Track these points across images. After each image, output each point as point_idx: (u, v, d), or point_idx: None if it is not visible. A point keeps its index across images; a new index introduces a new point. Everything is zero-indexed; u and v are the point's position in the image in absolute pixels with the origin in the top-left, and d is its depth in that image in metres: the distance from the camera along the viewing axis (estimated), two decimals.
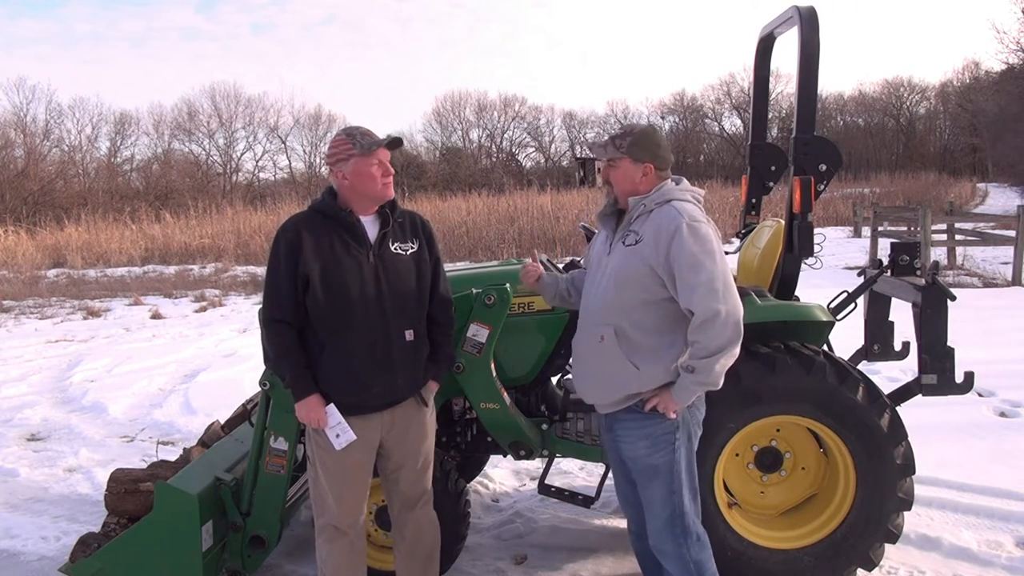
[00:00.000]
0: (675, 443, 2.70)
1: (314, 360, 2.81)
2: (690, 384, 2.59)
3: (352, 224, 2.81)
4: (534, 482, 4.37)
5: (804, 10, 3.35)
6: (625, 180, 2.74)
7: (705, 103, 65.16)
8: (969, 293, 10.93)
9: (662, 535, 2.77)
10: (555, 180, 35.69)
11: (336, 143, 2.82)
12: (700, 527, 2.80)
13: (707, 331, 2.51)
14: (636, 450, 2.75)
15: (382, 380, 2.83)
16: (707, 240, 2.56)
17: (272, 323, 2.80)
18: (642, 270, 2.62)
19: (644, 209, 2.69)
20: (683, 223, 2.56)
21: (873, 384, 3.24)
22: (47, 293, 15.68)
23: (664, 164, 2.74)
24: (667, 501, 2.73)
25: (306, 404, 2.79)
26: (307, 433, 2.93)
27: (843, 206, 25.33)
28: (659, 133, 2.81)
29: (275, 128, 53.24)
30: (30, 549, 4.12)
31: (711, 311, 2.49)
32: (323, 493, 2.91)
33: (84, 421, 6.54)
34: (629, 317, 2.67)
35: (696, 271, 2.52)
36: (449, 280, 3.60)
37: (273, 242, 2.82)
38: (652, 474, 2.74)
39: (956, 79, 61.88)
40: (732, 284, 2.56)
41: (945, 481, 4.39)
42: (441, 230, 21.10)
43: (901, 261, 3.78)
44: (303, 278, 2.75)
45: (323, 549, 2.97)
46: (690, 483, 2.75)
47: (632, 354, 2.66)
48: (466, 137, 62.82)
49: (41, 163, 38.15)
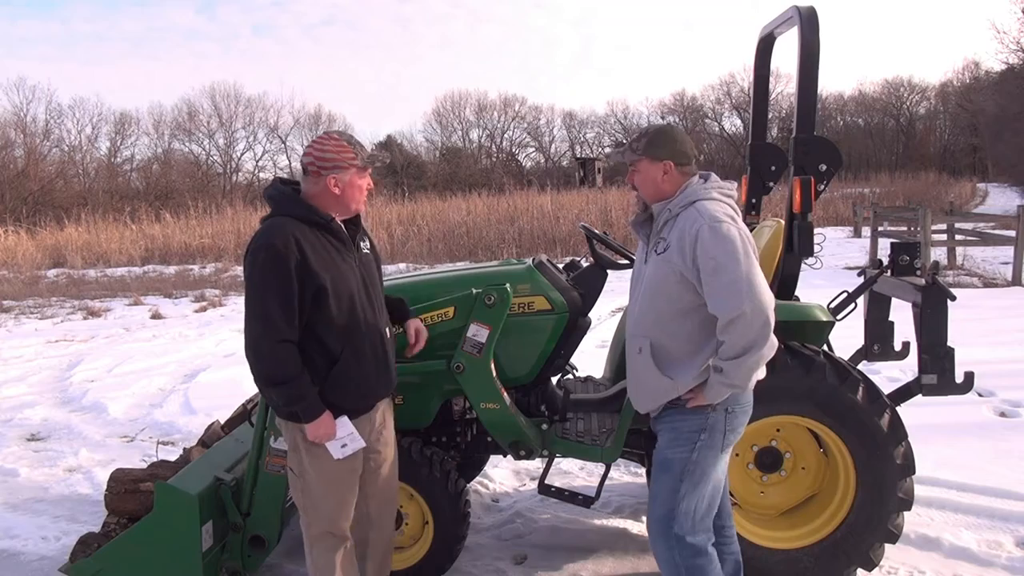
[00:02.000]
0: (697, 442, 2.64)
1: (321, 374, 2.69)
2: (717, 384, 2.55)
3: (339, 230, 2.76)
4: (534, 482, 4.37)
5: (804, 10, 3.35)
6: (647, 182, 2.70)
7: (705, 103, 65.25)
8: (969, 293, 10.92)
9: (654, 532, 2.73)
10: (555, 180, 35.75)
11: (336, 147, 2.68)
12: (700, 537, 2.70)
13: (732, 331, 2.47)
14: (661, 440, 2.74)
15: (384, 378, 2.87)
16: (728, 240, 2.49)
17: (281, 345, 2.59)
18: (672, 278, 2.59)
19: (670, 214, 2.64)
20: (703, 226, 2.51)
21: (873, 384, 3.24)
22: (47, 293, 15.69)
23: (684, 159, 2.67)
24: (668, 499, 2.68)
25: (322, 422, 2.66)
26: (293, 444, 2.80)
27: (843, 206, 25.32)
28: (676, 129, 2.75)
29: (275, 128, 53.36)
30: (30, 549, 4.11)
31: (734, 311, 2.45)
32: (317, 501, 2.82)
33: (84, 421, 6.54)
34: (665, 329, 2.64)
35: (718, 274, 2.48)
36: (449, 280, 3.60)
37: (270, 257, 2.57)
38: (664, 467, 2.71)
39: (956, 79, 62.00)
40: (759, 283, 2.48)
41: (945, 481, 4.38)
42: (441, 230, 21.13)
43: (901, 261, 3.78)
44: (314, 291, 2.61)
45: (322, 558, 2.87)
46: (701, 488, 2.66)
47: (667, 367, 2.64)
48: (466, 137, 62.86)
49: (41, 163, 38.21)
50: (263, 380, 2.65)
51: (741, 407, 2.69)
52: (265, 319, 2.58)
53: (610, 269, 3.75)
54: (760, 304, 2.46)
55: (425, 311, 3.42)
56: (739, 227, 2.55)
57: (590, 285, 3.67)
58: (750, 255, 2.51)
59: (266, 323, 2.58)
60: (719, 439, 2.66)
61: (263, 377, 2.64)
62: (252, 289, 2.63)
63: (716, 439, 2.66)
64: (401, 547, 3.55)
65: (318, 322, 2.66)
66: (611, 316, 9.72)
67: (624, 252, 3.80)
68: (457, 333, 3.39)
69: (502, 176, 42.13)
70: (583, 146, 66.38)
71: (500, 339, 3.38)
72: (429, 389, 3.51)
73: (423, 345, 3.17)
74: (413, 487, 3.42)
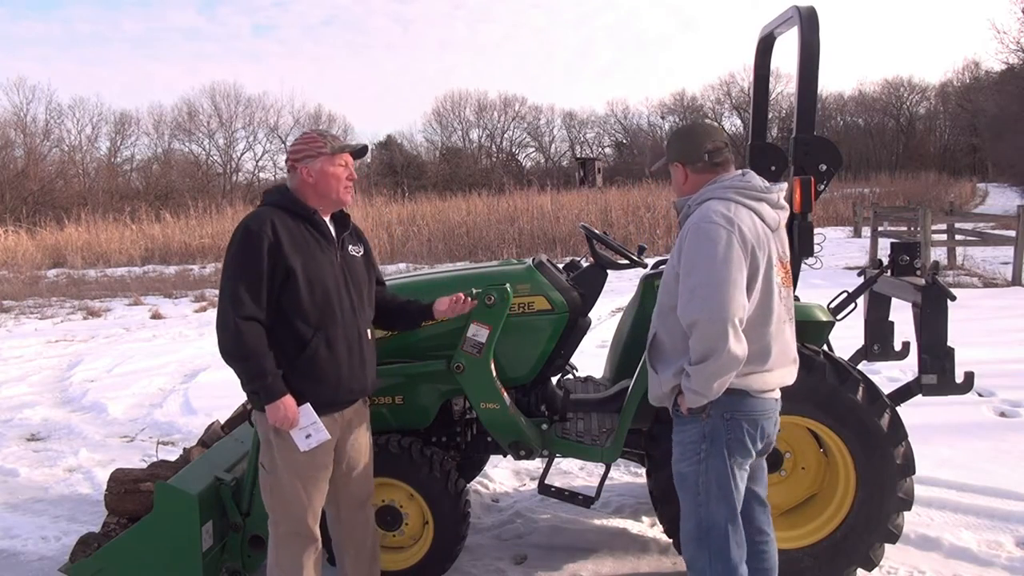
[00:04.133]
0: (700, 453, 2.61)
1: (289, 358, 2.72)
2: (685, 389, 2.52)
3: (320, 223, 2.82)
4: (534, 482, 4.37)
5: (804, 10, 3.35)
6: (673, 184, 2.75)
7: (705, 103, 65.26)
8: (969, 293, 10.92)
9: (688, 545, 2.70)
10: (555, 180, 35.72)
11: (306, 139, 2.83)
12: (735, 552, 2.62)
13: (692, 336, 2.46)
14: (674, 454, 2.73)
15: (359, 377, 2.89)
16: (707, 242, 2.42)
17: (245, 321, 2.63)
18: (671, 273, 2.60)
19: (688, 211, 2.63)
20: (694, 224, 2.50)
21: (873, 384, 3.24)
22: (47, 293, 15.69)
23: (691, 158, 2.63)
24: (692, 512, 2.66)
25: (282, 405, 2.68)
26: (265, 439, 2.83)
27: (843, 206, 25.33)
28: (690, 127, 2.76)
29: (275, 128, 53.40)
30: (30, 549, 4.11)
31: (690, 316, 2.44)
32: (286, 498, 2.81)
33: (84, 421, 6.54)
34: (663, 323, 2.66)
35: (687, 275, 2.47)
36: (449, 280, 3.59)
37: (244, 237, 2.68)
38: (680, 481, 2.70)
39: (956, 79, 62.04)
40: (725, 291, 2.39)
41: (945, 481, 4.38)
42: (441, 230, 21.12)
43: (901, 261, 3.78)
44: (284, 272, 2.68)
45: (288, 559, 2.86)
46: (721, 498, 2.60)
47: (656, 360, 2.68)
48: (466, 137, 62.88)
49: (41, 163, 38.21)
50: (226, 354, 2.70)
51: (743, 414, 2.58)
52: (232, 296, 2.65)
53: (610, 269, 3.75)
54: (718, 313, 2.38)
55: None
56: (733, 230, 2.43)
57: (590, 285, 3.67)
58: (729, 262, 2.40)
59: (233, 299, 2.65)
60: (722, 448, 2.58)
61: (226, 351, 2.69)
62: (225, 267, 2.73)
63: (719, 448, 2.59)
64: (401, 547, 3.56)
65: (288, 304, 2.72)
66: (611, 316, 9.72)
67: (624, 252, 3.80)
68: (457, 333, 3.39)
69: (502, 176, 42.14)
70: (583, 146, 66.44)
71: (500, 339, 3.38)
72: (429, 389, 3.51)
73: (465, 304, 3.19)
74: (413, 487, 3.42)
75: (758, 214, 2.55)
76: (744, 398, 2.57)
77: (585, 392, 4.01)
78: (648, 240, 18.60)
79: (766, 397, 2.62)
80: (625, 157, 63.13)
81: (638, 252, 3.94)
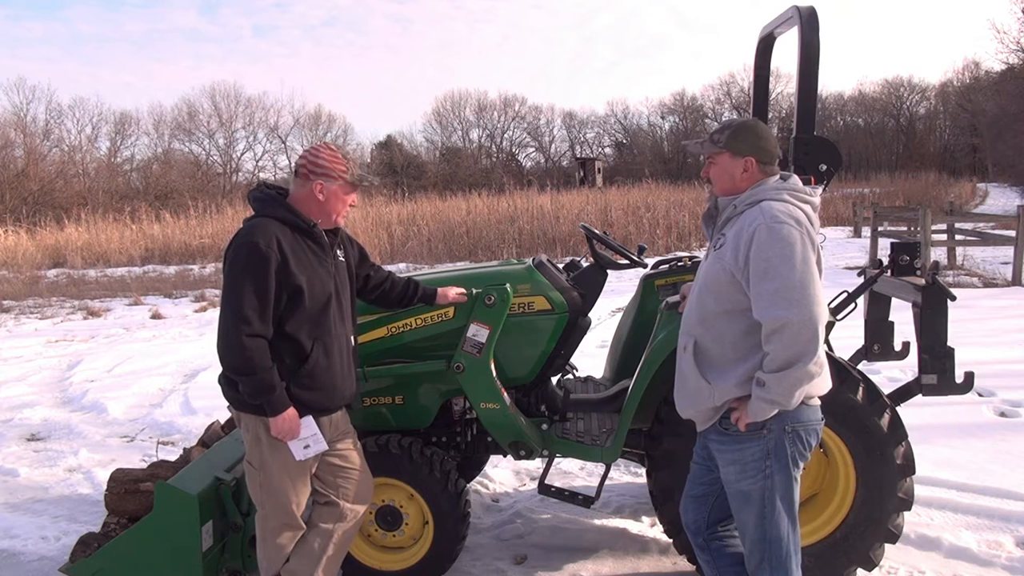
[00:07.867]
0: (765, 470, 2.50)
1: (291, 370, 2.77)
2: (759, 400, 2.38)
3: (319, 236, 2.87)
4: (534, 482, 4.37)
5: (804, 10, 3.35)
6: (724, 177, 2.57)
7: (705, 103, 65.31)
8: (969, 293, 10.92)
9: (752, 558, 2.63)
10: (555, 180, 35.72)
11: (331, 157, 2.85)
12: (793, 560, 2.57)
13: (776, 342, 2.32)
14: (728, 474, 2.59)
15: (349, 383, 2.98)
16: (786, 243, 2.33)
17: (251, 339, 2.66)
18: (723, 277, 2.47)
19: (734, 211, 2.52)
20: (761, 225, 2.37)
21: (873, 384, 3.24)
22: (47, 293, 15.69)
23: (768, 158, 2.53)
24: (758, 526, 2.56)
25: (287, 418, 2.74)
26: (253, 437, 2.86)
27: (843, 206, 25.34)
28: (760, 125, 2.61)
29: (275, 128, 53.45)
30: (30, 549, 4.11)
31: (779, 320, 2.30)
32: (276, 494, 2.89)
33: (84, 421, 6.54)
34: (709, 329, 2.53)
35: (767, 278, 2.33)
36: (449, 280, 3.60)
37: (250, 255, 2.67)
38: (743, 500, 2.57)
39: (956, 79, 62.04)
40: (812, 293, 2.32)
41: (945, 481, 4.38)
42: (441, 230, 21.10)
43: (901, 261, 3.78)
44: (290, 290, 2.72)
45: (275, 550, 2.97)
46: (785, 510, 2.53)
47: (707, 369, 2.53)
48: (466, 137, 62.91)
49: (41, 163, 38.18)
50: (231, 370, 2.72)
51: (804, 426, 2.49)
52: (239, 314, 2.65)
53: (610, 269, 3.75)
54: (809, 315, 2.29)
55: (425, 311, 3.43)
56: (803, 231, 2.37)
57: (590, 285, 3.67)
58: (808, 262, 2.35)
59: (239, 318, 2.65)
60: (787, 463, 2.50)
61: (231, 368, 2.71)
62: (230, 283, 2.71)
63: (784, 463, 2.50)
64: (401, 547, 3.56)
65: (291, 320, 2.75)
66: (611, 316, 9.73)
67: (624, 252, 3.80)
68: (457, 333, 3.39)
69: (502, 176, 42.13)
70: (583, 146, 66.47)
71: (500, 339, 3.38)
72: (429, 389, 3.52)
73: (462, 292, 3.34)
74: (413, 487, 3.42)
75: (808, 216, 2.50)
76: (802, 408, 2.47)
77: (585, 392, 4.01)
78: (648, 240, 18.61)
79: (816, 405, 2.55)
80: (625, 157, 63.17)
81: (638, 252, 3.94)
